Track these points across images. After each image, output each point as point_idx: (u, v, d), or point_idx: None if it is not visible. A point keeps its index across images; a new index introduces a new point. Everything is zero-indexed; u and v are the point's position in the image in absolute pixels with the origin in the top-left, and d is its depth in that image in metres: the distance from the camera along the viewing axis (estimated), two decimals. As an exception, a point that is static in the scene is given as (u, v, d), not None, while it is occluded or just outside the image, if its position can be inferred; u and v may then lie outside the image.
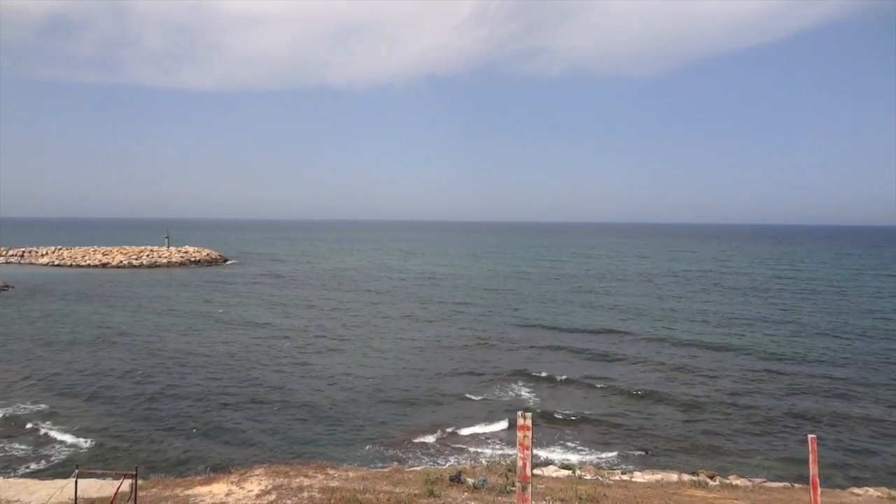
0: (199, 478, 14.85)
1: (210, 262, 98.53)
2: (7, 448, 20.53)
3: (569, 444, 21.52)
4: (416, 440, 21.78)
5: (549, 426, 23.09)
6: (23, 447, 20.68)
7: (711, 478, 16.40)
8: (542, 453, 20.23)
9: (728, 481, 16.26)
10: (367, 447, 21.07)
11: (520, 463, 9.64)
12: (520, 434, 9.57)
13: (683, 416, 24.54)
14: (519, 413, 9.67)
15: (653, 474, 16.69)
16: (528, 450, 9.48)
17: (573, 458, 19.98)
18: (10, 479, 15.31)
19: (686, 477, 16.28)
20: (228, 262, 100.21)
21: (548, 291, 64.88)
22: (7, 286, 63.47)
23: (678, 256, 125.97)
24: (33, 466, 18.95)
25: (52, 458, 19.71)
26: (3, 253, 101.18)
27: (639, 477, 16.35)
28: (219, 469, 17.75)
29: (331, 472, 14.43)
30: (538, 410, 24.41)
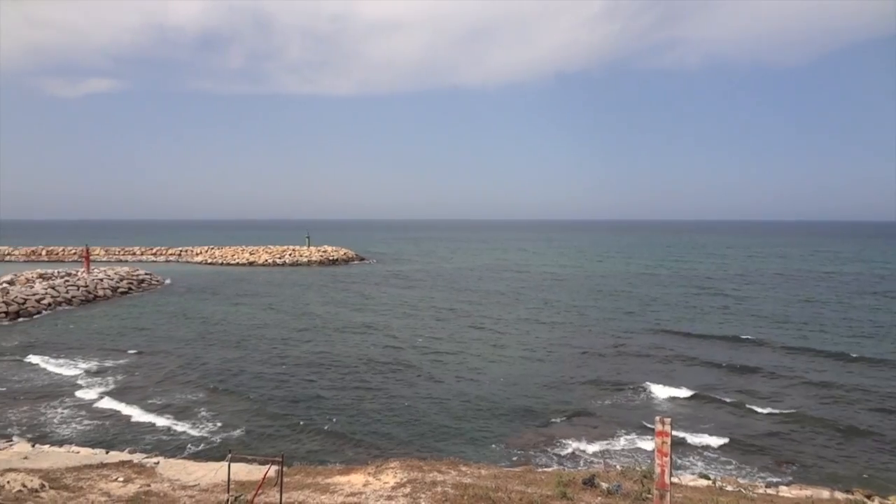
0: (337, 468, 15.56)
1: (346, 261, 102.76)
2: (169, 432, 22.41)
3: (706, 454, 20.60)
4: (544, 442, 21.65)
5: (685, 436, 22.18)
6: (181, 432, 22.48)
7: (869, 497, 15.17)
8: (679, 463, 19.52)
9: (888, 502, 15.00)
10: (494, 446, 21.20)
11: (658, 469, 9.39)
12: (658, 440, 9.33)
13: (835, 433, 22.70)
14: (657, 418, 9.44)
15: (801, 490, 15.69)
16: (666, 456, 9.22)
17: (712, 468, 19.15)
18: (171, 460, 16.75)
19: (840, 495, 15.17)
20: (362, 262, 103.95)
21: (680, 294, 62.17)
22: (168, 281, 69.49)
23: (824, 257, 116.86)
24: (191, 449, 20.54)
25: (206, 444, 21.27)
26: (164, 252, 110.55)
27: (785, 492, 15.41)
28: (355, 461, 18.52)
29: (463, 468, 14.66)
30: (673, 419, 23.51)
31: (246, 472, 14.40)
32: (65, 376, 30.08)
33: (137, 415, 24.26)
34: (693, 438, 21.99)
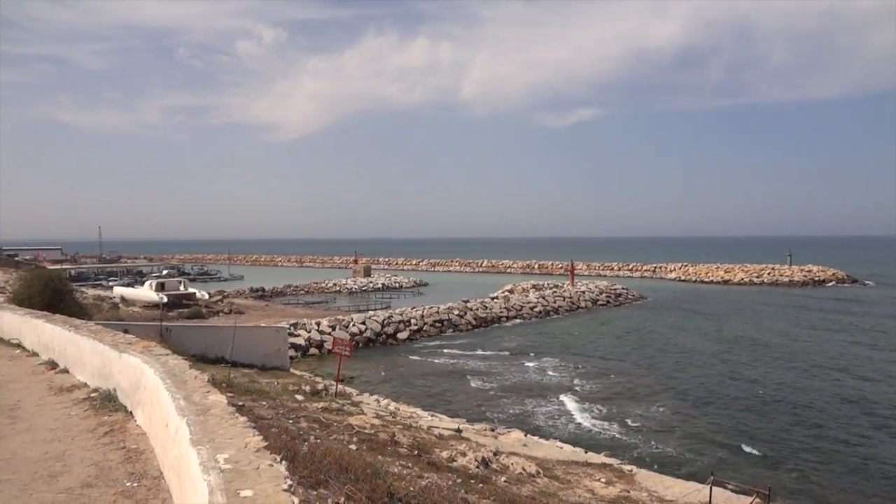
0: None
1: (835, 282, 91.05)
2: (642, 442, 22.95)
3: None
4: None
5: None
6: (653, 443, 22.76)
7: None
8: None
9: None
10: None
11: None
12: None
13: None
14: None
15: None
16: None
17: None
18: (646, 471, 17.11)
19: None
20: (854, 284, 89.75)
21: None
22: (643, 297, 71.95)
23: None
24: (665, 463, 20.55)
25: (679, 459, 21.10)
26: (639, 268, 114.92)
27: None
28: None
29: None
30: None
31: (724, 498, 13.86)
32: (548, 377, 33.43)
33: (611, 421, 25.45)
34: None
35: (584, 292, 67.56)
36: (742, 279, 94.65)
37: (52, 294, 26.64)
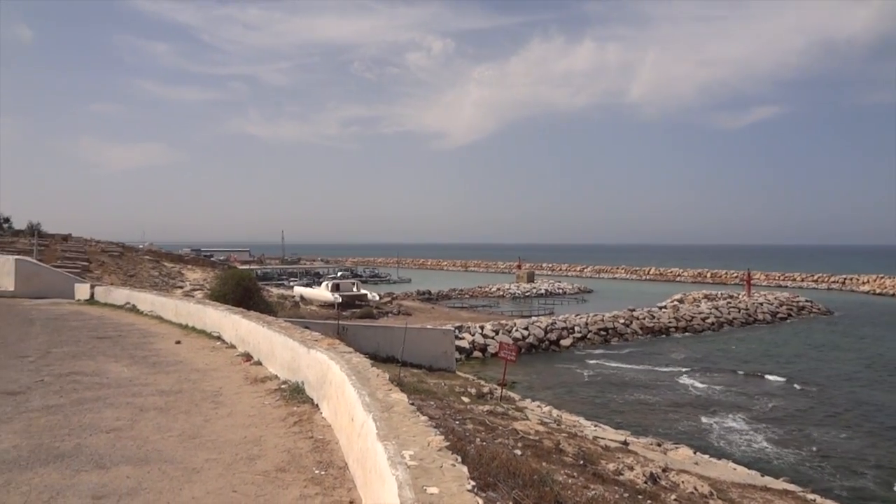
0: None
1: None
2: (821, 469, 21.16)
3: None
4: None
5: None
6: (834, 473, 20.92)
7: None
8: None
9: None
10: None
11: None
12: None
13: None
14: None
15: None
16: None
17: None
18: (827, 501, 15.83)
19: None
20: None
21: None
22: (829, 311, 66.06)
23: None
24: (844, 495, 18.97)
25: (872, 493, 19.37)
26: (826, 279, 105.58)
27: None
28: None
29: None
30: None
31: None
32: (719, 393, 31.65)
33: (789, 445, 23.64)
34: None
35: (761, 304, 63.23)
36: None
37: (244, 292, 29.24)
